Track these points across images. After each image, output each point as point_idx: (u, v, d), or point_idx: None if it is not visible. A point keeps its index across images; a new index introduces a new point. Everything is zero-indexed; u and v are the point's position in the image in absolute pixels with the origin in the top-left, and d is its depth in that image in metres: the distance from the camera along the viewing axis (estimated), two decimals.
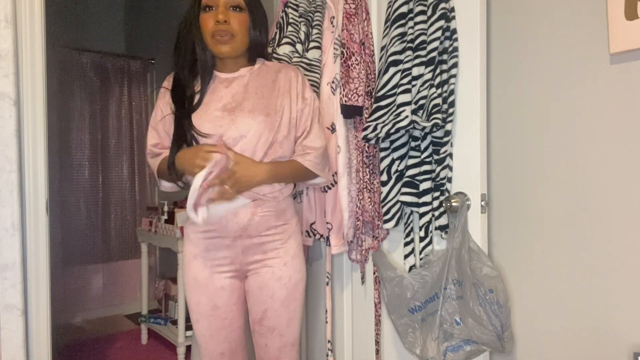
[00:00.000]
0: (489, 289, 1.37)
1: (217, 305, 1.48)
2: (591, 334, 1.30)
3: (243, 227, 1.44)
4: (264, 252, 1.48)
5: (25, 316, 1.63)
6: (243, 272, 1.51)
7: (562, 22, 1.34)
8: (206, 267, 1.48)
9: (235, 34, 1.42)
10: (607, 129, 1.25)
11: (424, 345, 1.45)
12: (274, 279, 1.48)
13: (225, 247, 1.47)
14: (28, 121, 1.64)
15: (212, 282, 1.48)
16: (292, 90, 1.49)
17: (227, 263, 1.48)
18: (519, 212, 1.46)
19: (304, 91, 1.51)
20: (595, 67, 1.27)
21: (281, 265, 1.49)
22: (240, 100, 1.44)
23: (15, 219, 1.58)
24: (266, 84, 1.49)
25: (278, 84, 1.49)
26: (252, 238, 1.46)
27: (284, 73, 1.51)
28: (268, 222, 1.46)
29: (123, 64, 3.90)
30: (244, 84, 1.48)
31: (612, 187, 1.25)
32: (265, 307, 1.49)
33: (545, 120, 1.39)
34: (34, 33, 1.65)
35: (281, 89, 1.48)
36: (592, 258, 1.29)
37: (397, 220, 1.60)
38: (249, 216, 1.44)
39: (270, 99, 1.46)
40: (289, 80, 1.50)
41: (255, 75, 1.50)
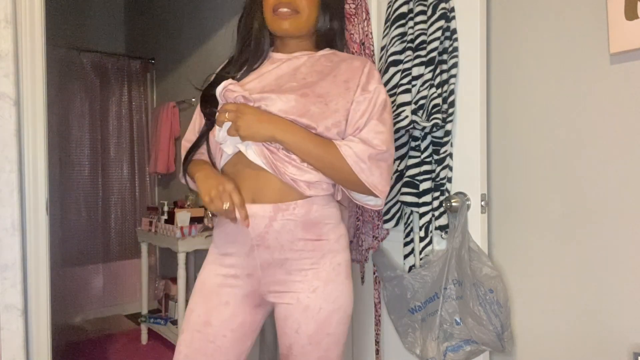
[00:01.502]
0: (489, 289, 1.37)
1: (210, 322, 1.20)
2: (591, 333, 1.30)
3: (260, 235, 1.16)
4: (287, 272, 1.19)
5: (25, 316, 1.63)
6: (261, 294, 1.23)
7: (562, 22, 1.34)
8: (219, 274, 1.23)
9: (301, 10, 1.20)
10: (607, 128, 1.25)
11: (424, 345, 1.45)
12: (299, 309, 1.18)
13: (244, 255, 1.20)
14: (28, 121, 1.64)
15: (217, 294, 1.21)
16: (352, 80, 1.20)
17: (244, 277, 1.21)
18: (519, 212, 1.46)
19: (367, 82, 1.20)
20: (595, 67, 1.27)
21: (309, 291, 1.18)
22: (284, 83, 1.20)
23: (15, 219, 1.58)
24: (322, 70, 1.22)
25: (337, 71, 1.22)
26: (271, 251, 1.17)
27: (348, 62, 1.24)
28: (292, 233, 1.16)
29: (123, 64, 3.90)
30: (295, 67, 1.23)
31: (612, 187, 1.25)
32: (290, 342, 1.20)
33: (545, 120, 1.39)
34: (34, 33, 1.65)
35: (339, 77, 1.20)
36: (592, 258, 1.29)
37: (397, 220, 1.60)
38: (266, 222, 1.15)
39: (319, 84, 1.18)
40: (351, 70, 1.21)
41: (314, 60, 1.25)
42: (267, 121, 1.11)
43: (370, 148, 1.13)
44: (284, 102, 1.14)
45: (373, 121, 1.16)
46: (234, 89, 1.15)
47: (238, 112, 1.12)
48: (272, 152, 1.14)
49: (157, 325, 3.10)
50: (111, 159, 3.88)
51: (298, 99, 1.14)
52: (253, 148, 1.14)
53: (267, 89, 1.19)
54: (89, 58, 3.75)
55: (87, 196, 3.75)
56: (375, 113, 1.17)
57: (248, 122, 1.10)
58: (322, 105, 1.15)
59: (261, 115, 1.12)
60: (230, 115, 1.12)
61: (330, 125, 1.14)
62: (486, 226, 1.46)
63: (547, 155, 1.38)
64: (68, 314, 3.54)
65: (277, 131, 1.11)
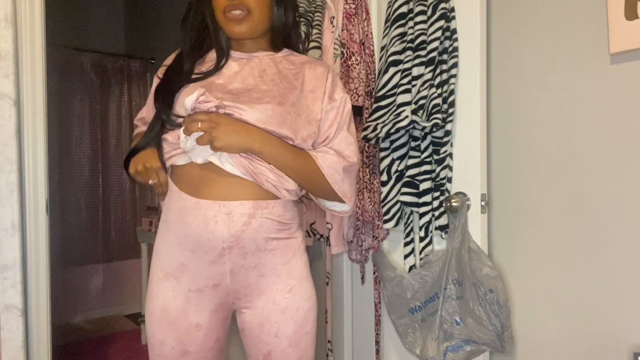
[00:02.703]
0: (489, 289, 1.37)
1: (187, 350, 1.14)
2: (591, 334, 1.30)
3: (235, 236, 1.09)
4: (260, 274, 1.14)
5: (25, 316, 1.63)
6: (229, 303, 1.17)
7: (562, 22, 1.34)
8: (180, 292, 1.12)
9: (252, 9, 1.14)
10: (607, 129, 1.25)
11: (424, 345, 1.45)
12: (277, 312, 1.14)
13: (207, 264, 1.11)
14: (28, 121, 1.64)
15: (185, 316, 1.12)
16: (318, 88, 1.19)
17: (208, 290, 1.13)
18: (519, 212, 1.46)
19: (333, 91, 1.20)
20: (595, 67, 1.27)
21: (285, 292, 1.15)
22: (250, 86, 1.16)
23: (15, 219, 1.58)
24: (287, 75, 1.20)
25: (302, 77, 1.20)
26: (245, 254, 1.11)
27: (312, 68, 1.22)
28: (269, 231, 1.13)
29: (123, 64, 3.90)
30: (260, 69, 1.20)
31: (612, 187, 1.25)
32: (268, 349, 1.16)
33: (545, 120, 1.39)
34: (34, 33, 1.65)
35: (305, 85, 1.19)
36: (592, 258, 1.29)
37: (397, 220, 1.60)
38: (245, 219, 1.09)
39: (288, 91, 1.16)
40: (315, 77, 1.21)
41: (276, 62, 1.22)
42: (243, 132, 1.07)
43: (343, 160, 1.15)
44: (260, 112, 1.10)
45: (343, 132, 1.18)
46: (207, 99, 1.10)
47: (212, 122, 1.06)
48: (250, 161, 1.11)
49: None
50: (111, 159, 3.87)
51: (275, 108, 1.11)
52: (229, 160, 1.10)
53: (235, 92, 1.14)
54: (89, 58, 3.74)
55: (87, 196, 3.75)
56: (344, 123, 1.19)
57: (224, 134, 1.06)
58: (295, 115, 1.13)
59: (236, 126, 1.08)
60: (204, 125, 1.06)
61: (306, 137, 1.14)
62: (486, 226, 1.46)
63: (547, 155, 1.38)
64: (68, 314, 3.54)
65: (255, 143, 1.08)
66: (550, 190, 1.38)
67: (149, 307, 1.16)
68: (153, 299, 1.15)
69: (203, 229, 1.09)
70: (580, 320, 1.32)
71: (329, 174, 1.14)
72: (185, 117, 1.11)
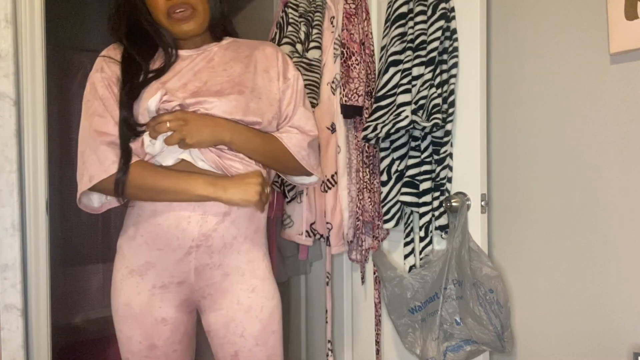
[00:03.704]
0: (489, 289, 1.37)
1: (154, 344, 1.15)
2: (591, 333, 1.30)
3: (206, 235, 1.11)
4: (224, 273, 1.16)
5: (25, 316, 1.63)
6: (193, 301, 1.19)
7: (562, 22, 1.34)
8: (144, 289, 1.15)
9: (195, 5, 1.15)
10: (607, 129, 1.25)
11: (424, 345, 1.45)
12: (241, 311, 1.15)
13: (174, 262, 1.13)
14: (28, 121, 1.64)
15: (150, 311, 1.15)
16: (271, 68, 1.23)
17: (173, 286, 1.15)
18: (519, 212, 1.46)
19: (285, 70, 1.25)
20: (595, 67, 1.27)
21: (248, 291, 1.16)
22: (205, 79, 1.17)
23: (15, 219, 1.58)
24: (238, 58, 1.22)
25: (254, 60, 1.23)
26: (212, 252, 1.13)
27: (260, 49, 1.26)
28: (240, 228, 1.15)
29: None
30: (210, 61, 1.21)
31: (612, 187, 1.25)
32: (235, 349, 1.16)
33: (545, 120, 1.39)
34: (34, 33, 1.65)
35: (258, 67, 1.22)
36: (593, 258, 1.29)
37: (397, 220, 1.60)
38: (219, 218, 1.12)
39: (244, 76, 1.19)
40: (266, 57, 1.24)
41: (223, 50, 1.24)
42: (212, 125, 1.09)
43: (306, 136, 1.22)
44: (225, 103, 1.12)
45: (300, 108, 1.24)
46: (169, 98, 1.10)
47: (180, 120, 1.07)
48: (220, 155, 1.12)
49: None
50: None
51: (237, 97, 1.13)
52: (200, 156, 1.11)
53: (191, 86, 1.14)
54: (89, 58, 3.74)
55: None
56: (300, 100, 1.25)
57: (194, 129, 1.07)
58: (257, 99, 1.17)
59: (205, 120, 1.09)
60: (173, 125, 1.06)
61: (271, 118, 1.19)
62: (486, 226, 1.46)
63: (547, 155, 1.38)
64: (68, 314, 3.54)
65: (225, 133, 1.10)
66: (550, 190, 1.38)
67: (114, 304, 1.19)
68: (116, 296, 1.18)
69: (174, 229, 1.11)
70: (580, 320, 1.32)
71: (296, 152, 1.20)
72: (149, 121, 1.10)
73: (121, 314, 1.18)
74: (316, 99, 1.74)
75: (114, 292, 1.19)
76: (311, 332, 2.15)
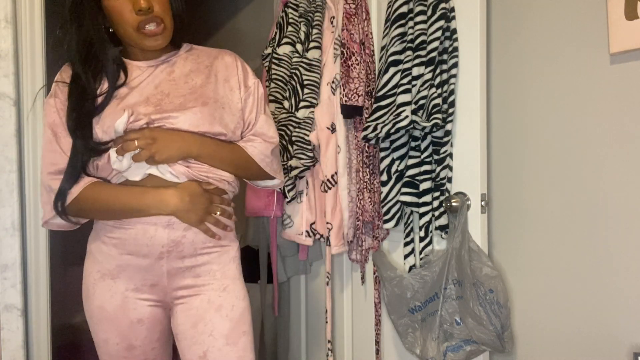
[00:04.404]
0: (489, 289, 1.37)
1: (132, 344, 1.16)
2: (591, 333, 1.30)
3: (175, 242, 1.12)
4: (196, 275, 1.16)
5: (25, 316, 1.63)
6: (168, 302, 1.19)
7: (562, 22, 1.34)
8: (117, 292, 1.15)
9: (164, 18, 1.13)
10: (607, 128, 1.25)
11: (424, 345, 1.45)
12: (211, 310, 1.14)
13: (145, 267, 1.13)
14: (28, 121, 1.64)
15: (124, 313, 1.14)
16: (231, 77, 1.23)
17: (146, 288, 1.15)
18: (519, 212, 1.46)
19: (245, 78, 1.25)
20: (595, 67, 1.27)
21: (219, 290, 1.16)
22: (167, 91, 1.15)
23: (15, 219, 1.58)
24: (199, 69, 1.22)
25: (214, 70, 1.23)
26: (183, 257, 1.14)
27: (220, 59, 1.26)
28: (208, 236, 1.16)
29: None
30: (169, 71, 1.20)
31: (612, 187, 1.25)
32: (204, 349, 1.13)
33: (545, 120, 1.39)
34: (34, 33, 1.65)
35: (219, 76, 1.22)
36: (592, 258, 1.29)
37: (397, 220, 1.60)
38: (185, 225, 1.12)
39: (206, 87, 1.19)
40: (226, 67, 1.24)
41: (183, 60, 1.23)
42: (180, 140, 1.11)
43: (268, 143, 1.25)
44: (190, 117, 1.12)
45: (262, 116, 1.26)
46: (136, 117, 1.10)
47: (148, 139, 1.07)
48: (190, 167, 1.14)
49: None
50: None
51: (202, 109, 1.14)
52: (169, 169, 1.12)
53: (153, 100, 1.13)
54: None
55: None
56: (261, 107, 1.26)
57: (163, 146, 1.08)
58: (220, 109, 1.18)
59: (173, 135, 1.10)
60: (141, 142, 1.07)
61: (234, 128, 1.20)
62: (486, 226, 1.46)
63: (547, 155, 1.38)
64: (68, 314, 3.53)
65: (193, 147, 1.12)
66: (550, 190, 1.38)
67: (87, 308, 1.20)
68: (90, 300, 1.19)
69: (142, 236, 1.11)
70: (580, 320, 1.32)
71: (260, 160, 1.24)
72: (117, 139, 1.10)
73: (96, 317, 1.18)
74: (316, 99, 1.74)
75: (87, 296, 1.20)
76: (311, 332, 2.15)
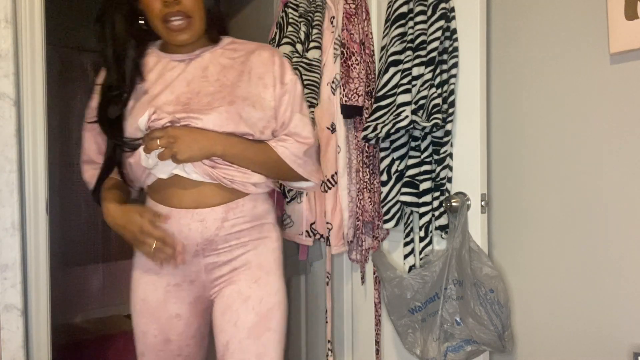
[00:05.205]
0: (490, 289, 1.37)
1: (169, 338, 1.18)
2: (591, 333, 1.30)
3: (208, 240, 1.13)
4: (232, 267, 1.17)
5: (25, 316, 1.63)
6: (207, 296, 1.20)
7: (562, 22, 1.34)
8: (160, 286, 1.18)
9: (192, 13, 1.11)
10: (607, 128, 1.25)
11: (424, 346, 1.45)
12: (239, 300, 1.13)
13: (183, 265, 1.16)
14: (28, 121, 1.64)
15: (165, 307, 1.18)
16: (266, 74, 1.17)
17: (186, 285, 1.18)
18: (519, 212, 1.46)
19: (282, 75, 1.19)
20: (595, 67, 1.27)
21: (251, 282, 1.15)
22: (198, 89, 1.14)
23: (15, 219, 1.58)
24: (233, 65, 1.18)
25: (249, 66, 1.18)
26: (219, 253, 1.15)
27: (257, 54, 1.20)
28: (241, 227, 1.16)
29: None
30: (203, 68, 1.17)
31: (612, 187, 1.25)
32: (227, 338, 1.13)
33: (545, 120, 1.39)
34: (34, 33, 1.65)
35: (253, 73, 1.17)
36: (592, 258, 1.29)
37: (397, 220, 1.60)
38: (218, 224, 1.12)
39: (237, 84, 1.15)
40: (262, 63, 1.18)
41: (218, 56, 1.20)
42: (203, 139, 1.08)
43: (302, 144, 1.18)
44: (215, 116, 1.09)
45: (297, 115, 1.19)
46: (159, 116, 1.10)
47: (170, 138, 1.06)
48: (214, 167, 1.12)
49: None
50: None
51: (228, 109, 1.10)
52: (194, 169, 1.11)
53: (183, 98, 1.12)
54: (89, 58, 3.74)
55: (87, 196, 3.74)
56: (297, 105, 1.20)
57: (185, 146, 1.07)
58: (250, 109, 1.13)
59: (196, 135, 1.08)
60: (163, 141, 1.06)
61: (263, 128, 1.15)
62: (486, 226, 1.46)
63: (547, 155, 1.38)
64: (68, 314, 3.53)
65: (217, 147, 1.09)
66: (550, 190, 1.38)
67: (132, 300, 1.21)
68: (134, 293, 1.21)
69: (178, 235, 1.13)
70: (580, 320, 1.32)
71: (292, 161, 1.17)
72: (144, 136, 1.11)
73: (139, 309, 1.20)
74: (316, 99, 1.74)
75: (132, 288, 1.22)
76: (311, 332, 2.15)
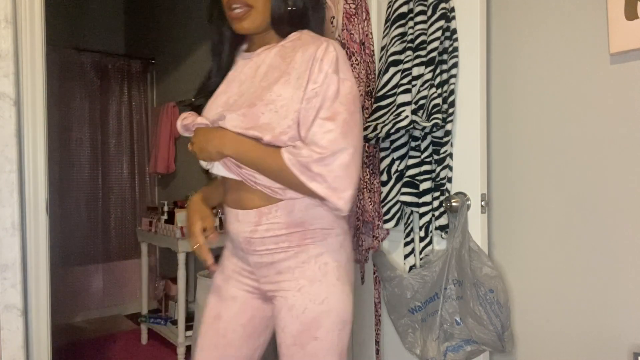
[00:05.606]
0: (489, 289, 1.37)
1: (220, 315, 1.23)
2: (591, 333, 1.30)
3: (246, 239, 1.16)
4: (278, 271, 1.16)
5: (25, 316, 1.63)
6: (263, 292, 1.21)
7: (562, 22, 1.34)
8: (229, 268, 1.26)
9: (253, 3, 1.10)
10: (607, 128, 1.25)
11: (424, 346, 1.45)
12: (285, 308, 1.13)
13: (241, 257, 1.22)
14: (28, 121, 1.64)
15: (225, 288, 1.25)
16: (303, 75, 1.06)
17: (246, 273, 1.23)
18: (519, 212, 1.46)
19: (319, 72, 1.04)
20: (595, 67, 1.27)
21: (294, 290, 1.12)
22: (244, 91, 1.13)
23: (15, 219, 1.58)
24: (279, 66, 1.11)
25: (293, 64, 1.09)
26: (260, 254, 1.16)
27: (303, 50, 1.09)
28: (277, 235, 1.13)
29: (123, 64, 3.90)
30: (256, 67, 1.15)
31: (612, 187, 1.25)
32: (279, 341, 1.17)
33: (545, 120, 1.39)
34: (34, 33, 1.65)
35: (294, 74, 1.07)
36: (592, 258, 1.29)
37: (397, 220, 1.60)
38: (252, 227, 1.13)
39: (272, 88, 1.08)
40: (305, 61, 1.07)
41: (273, 55, 1.14)
42: (216, 139, 1.10)
43: (314, 153, 1.00)
44: (233, 117, 1.09)
45: (318, 121, 1.03)
46: (186, 122, 1.17)
47: (194, 138, 1.15)
48: (239, 166, 1.12)
49: (157, 326, 3.10)
50: (111, 159, 3.87)
51: (246, 111, 1.07)
52: (220, 167, 1.15)
53: (231, 100, 1.15)
54: (89, 58, 3.74)
55: (87, 196, 3.75)
56: (325, 110, 1.03)
57: (200, 145, 1.12)
58: (272, 113, 1.05)
59: (209, 134, 1.12)
60: (191, 142, 1.16)
61: (278, 134, 1.05)
62: (486, 226, 1.46)
63: (547, 155, 1.38)
64: (68, 314, 3.54)
65: (226, 147, 1.09)
66: (550, 190, 1.38)
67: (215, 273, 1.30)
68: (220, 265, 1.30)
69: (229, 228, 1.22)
70: (580, 320, 1.32)
71: (300, 172, 1.01)
72: None
73: (214, 280, 1.29)
74: None
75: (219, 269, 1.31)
76: None
